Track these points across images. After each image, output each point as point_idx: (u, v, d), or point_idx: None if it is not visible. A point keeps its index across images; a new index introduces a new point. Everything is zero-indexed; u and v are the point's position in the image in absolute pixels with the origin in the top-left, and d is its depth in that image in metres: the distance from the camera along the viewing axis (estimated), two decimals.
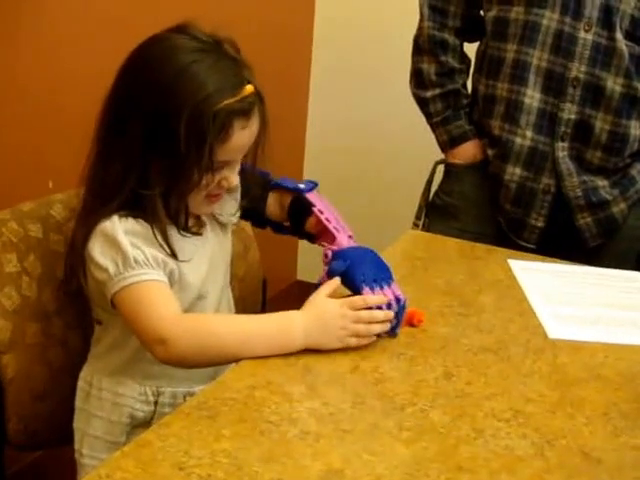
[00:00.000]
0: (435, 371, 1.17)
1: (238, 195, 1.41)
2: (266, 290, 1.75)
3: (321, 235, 1.40)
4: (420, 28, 1.93)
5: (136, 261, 1.19)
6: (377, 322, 1.21)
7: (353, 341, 1.19)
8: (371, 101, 2.95)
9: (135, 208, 1.23)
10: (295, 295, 1.35)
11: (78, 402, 1.35)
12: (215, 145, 1.20)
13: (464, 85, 1.95)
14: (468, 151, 1.91)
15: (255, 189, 1.45)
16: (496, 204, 1.87)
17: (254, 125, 1.26)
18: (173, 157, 1.20)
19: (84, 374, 1.36)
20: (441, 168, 1.99)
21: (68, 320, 1.39)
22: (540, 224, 1.83)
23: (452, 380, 1.16)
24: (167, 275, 1.23)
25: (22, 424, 1.33)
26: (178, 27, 1.26)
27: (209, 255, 1.35)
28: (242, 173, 1.36)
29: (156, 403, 1.32)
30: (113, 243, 1.20)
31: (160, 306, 1.18)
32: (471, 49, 1.98)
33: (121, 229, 1.21)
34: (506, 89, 1.80)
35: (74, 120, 1.95)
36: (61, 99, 1.97)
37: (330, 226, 1.37)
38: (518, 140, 1.80)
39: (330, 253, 1.30)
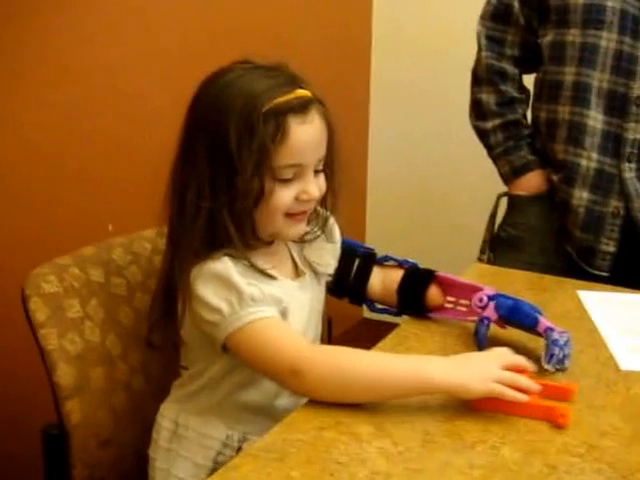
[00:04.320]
0: None
1: (338, 248, 1.38)
2: (332, 329, 1.73)
3: (443, 303, 1.40)
4: (478, 59, 1.93)
5: (253, 299, 1.16)
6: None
7: (498, 387, 1.10)
8: (432, 135, 2.94)
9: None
10: (362, 334, 1.32)
11: (160, 440, 1.32)
12: (273, 148, 1.16)
13: (524, 116, 1.94)
14: (532, 181, 1.89)
15: (356, 263, 1.43)
16: (564, 233, 1.84)
17: (316, 121, 1.20)
18: (232, 169, 1.17)
19: (169, 413, 1.33)
20: (504, 201, 1.96)
21: (132, 364, 1.39)
22: (611, 249, 1.79)
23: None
24: (280, 313, 1.20)
25: (88, 470, 1.32)
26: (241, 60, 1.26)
27: (308, 304, 1.32)
28: (343, 248, 1.37)
29: (239, 449, 1.27)
30: (227, 283, 1.17)
31: (286, 339, 1.15)
32: (529, 82, 1.96)
33: (234, 269, 1.18)
34: (568, 112, 1.78)
35: (133, 163, 1.98)
36: (120, 142, 1.99)
37: (468, 282, 1.37)
38: (584, 162, 1.77)
39: (486, 297, 1.31)
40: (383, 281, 1.44)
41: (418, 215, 3.01)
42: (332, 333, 1.70)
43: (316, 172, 1.24)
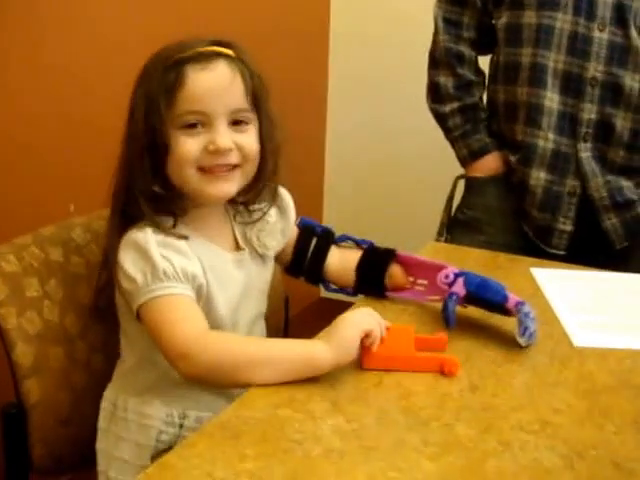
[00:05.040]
0: (459, 384, 1.16)
1: (280, 231, 1.38)
2: (288, 308, 1.74)
3: (404, 283, 1.41)
4: (435, 42, 1.93)
5: (165, 273, 1.17)
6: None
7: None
8: (389, 117, 2.95)
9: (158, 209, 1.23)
10: (319, 313, 1.34)
11: (102, 423, 1.33)
12: (173, 94, 1.18)
13: (481, 98, 1.95)
14: (489, 164, 1.91)
15: (314, 242, 1.43)
16: (522, 213, 1.86)
17: (221, 70, 1.20)
18: (137, 123, 1.20)
19: (108, 394, 1.34)
20: (462, 183, 1.97)
21: (91, 343, 1.39)
22: (568, 228, 1.82)
23: (477, 393, 1.14)
24: (195, 289, 1.21)
25: (46, 449, 1.32)
26: None
27: (243, 281, 1.32)
28: (301, 228, 1.38)
29: (181, 426, 1.29)
30: (144, 253, 1.19)
31: (185, 321, 1.16)
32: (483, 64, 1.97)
33: (153, 240, 1.19)
34: (525, 93, 1.80)
35: (95, 143, 1.97)
36: (82, 121, 1.98)
37: (430, 261, 1.38)
38: (541, 143, 1.79)
39: (452, 274, 1.31)
40: (340, 261, 1.44)
41: (375, 199, 3.02)
42: (289, 312, 1.72)
43: (237, 126, 1.23)
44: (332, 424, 1.04)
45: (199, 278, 1.21)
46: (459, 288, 1.30)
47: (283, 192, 1.39)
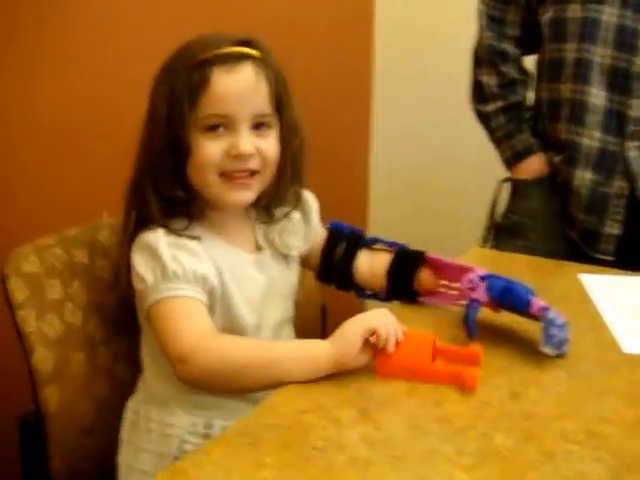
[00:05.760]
0: (499, 391, 1.08)
1: (303, 235, 1.34)
2: (326, 317, 1.68)
3: (436, 287, 1.33)
4: (479, 39, 1.89)
5: (175, 274, 1.14)
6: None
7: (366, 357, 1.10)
8: (433, 120, 2.87)
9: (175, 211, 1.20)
10: None
11: (124, 434, 1.28)
12: (196, 96, 1.15)
13: (524, 98, 1.88)
14: (534, 165, 1.84)
15: (342, 246, 1.37)
16: (567, 217, 1.79)
17: (247, 73, 1.17)
18: (157, 124, 1.17)
19: (131, 404, 1.30)
20: (506, 187, 1.90)
21: (115, 350, 1.34)
22: (616, 232, 1.73)
23: (518, 400, 1.06)
24: (207, 291, 1.17)
25: (65, 462, 1.26)
26: None
27: (264, 283, 1.27)
28: (329, 231, 1.34)
29: (206, 437, 1.23)
30: (154, 254, 1.16)
31: (187, 323, 1.12)
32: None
33: (164, 241, 1.16)
34: (569, 90, 1.73)
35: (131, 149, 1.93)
36: (118, 128, 1.94)
37: (458, 263, 1.31)
38: (585, 142, 1.71)
39: (476, 278, 1.23)
40: (371, 264, 1.38)
41: (419, 203, 2.95)
42: (327, 322, 1.65)
43: (259, 131, 1.19)
44: (359, 432, 0.97)
45: (211, 280, 1.17)
46: (481, 294, 1.22)
47: (307, 196, 1.35)
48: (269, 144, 1.21)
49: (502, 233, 1.87)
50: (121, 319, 1.32)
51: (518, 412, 1.03)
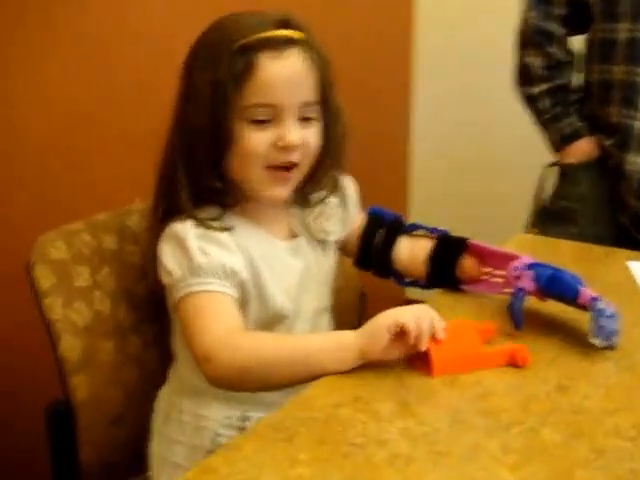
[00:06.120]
0: (546, 384, 1.02)
1: (341, 220, 1.29)
2: (365, 305, 1.62)
3: (479, 275, 1.28)
4: (524, 19, 1.83)
5: (201, 268, 1.09)
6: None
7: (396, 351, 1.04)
8: (477, 103, 2.81)
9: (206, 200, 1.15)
10: None
11: (155, 424, 1.25)
12: (240, 86, 1.09)
13: (570, 80, 1.83)
14: (582, 148, 1.78)
15: (381, 232, 1.32)
16: (617, 202, 1.73)
17: (294, 60, 1.11)
18: (192, 109, 1.11)
19: (163, 394, 1.26)
20: (553, 171, 1.85)
21: (145, 338, 1.30)
22: None
23: (566, 394, 1.00)
24: (237, 286, 1.12)
25: (96, 451, 1.23)
26: None
27: (300, 270, 1.22)
28: (369, 217, 1.29)
29: (242, 430, 1.19)
30: (182, 246, 1.11)
31: (213, 320, 1.08)
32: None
33: (192, 233, 1.12)
34: (622, 72, 1.66)
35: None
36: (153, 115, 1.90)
37: (503, 250, 1.25)
38: (638, 125, 1.65)
39: (521, 266, 1.17)
40: (411, 251, 1.32)
41: (463, 187, 2.89)
42: (366, 311, 1.60)
43: (304, 121, 1.14)
44: (400, 427, 0.92)
45: (241, 273, 1.13)
46: (527, 283, 1.15)
47: (346, 180, 1.31)
48: (313, 134, 1.16)
49: (550, 218, 1.82)
50: (151, 306, 1.28)
51: (567, 406, 0.97)
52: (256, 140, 1.11)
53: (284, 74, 1.10)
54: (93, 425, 1.22)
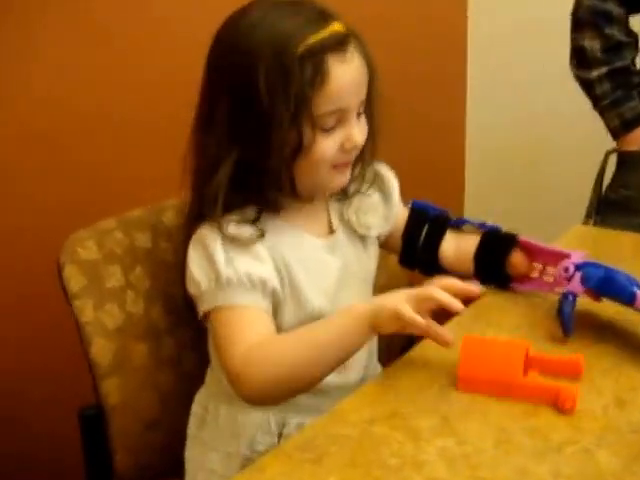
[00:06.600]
0: (603, 398, 0.94)
1: (383, 216, 1.23)
2: None
3: (530, 272, 1.20)
4: (579, 0, 1.69)
5: (228, 282, 1.05)
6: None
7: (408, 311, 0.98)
8: (533, 88, 2.71)
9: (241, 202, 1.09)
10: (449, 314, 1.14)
11: (192, 429, 1.21)
12: (312, 94, 1.02)
13: (633, 62, 1.72)
14: None
15: (426, 228, 1.26)
16: None
17: (356, 59, 1.06)
18: (263, 121, 1.03)
19: (200, 398, 1.22)
20: (613, 158, 1.75)
21: (182, 339, 1.25)
22: None
23: (626, 409, 0.92)
24: (268, 295, 1.07)
25: (130, 456, 1.20)
26: None
27: (338, 267, 1.17)
28: (412, 212, 1.24)
29: (280, 435, 1.15)
30: (208, 255, 1.07)
31: (237, 337, 1.04)
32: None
33: (219, 241, 1.06)
34: None
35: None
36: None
37: (553, 248, 1.18)
38: None
39: (572, 266, 1.09)
40: (458, 247, 1.25)
41: (518, 176, 2.80)
42: None
43: (357, 115, 1.09)
44: (439, 446, 0.85)
45: (271, 281, 1.08)
46: (576, 285, 1.07)
47: (387, 173, 1.24)
48: (364, 130, 1.12)
49: (611, 209, 1.72)
50: (187, 307, 1.22)
51: (625, 424, 0.89)
52: (326, 146, 1.07)
53: (351, 78, 1.06)
54: (127, 430, 1.19)
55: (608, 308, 1.10)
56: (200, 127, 1.10)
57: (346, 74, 1.04)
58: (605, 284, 1.05)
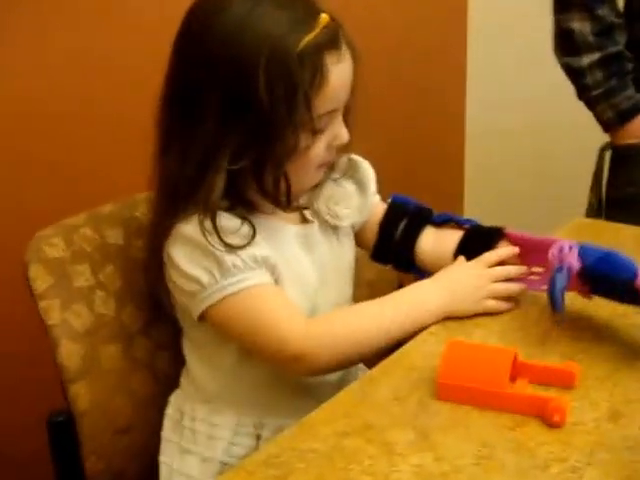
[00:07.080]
0: (595, 410, 0.86)
1: (357, 207, 1.19)
2: None
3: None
4: None
5: (235, 266, 1.01)
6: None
7: (492, 304, 1.08)
8: (529, 85, 2.65)
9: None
10: None
11: (166, 432, 1.17)
12: (312, 95, 0.98)
13: (625, 46, 1.61)
14: None
15: (403, 222, 1.21)
16: None
17: (348, 56, 1.03)
18: (262, 124, 0.98)
19: (174, 400, 1.18)
20: (610, 154, 1.66)
21: (156, 340, 1.20)
22: None
23: (620, 423, 0.84)
24: (271, 272, 1.05)
25: (103, 461, 1.15)
26: None
27: (317, 260, 1.13)
28: (391, 205, 1.20)
29: (259, 438, 1.11)
30: (203, 249, 1.01)
31: (283, 314, 1.02)
32: None
33: (206, 230, 1.01)
34: None
35: None
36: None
37: (543, 237, 1.11)
38: None
39: (567, 246, 1.00)
40: (435, 244, 1.19)
41: (517, 176, 2.77)
42: None
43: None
44: (414, 464, 0.79)
45: (271, 258, 1.05)
46: (572, 261, 0.98)
47: (361, 163, 1.20)
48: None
49: (617, 209, 1.63)
50: (159, 307, 1.17)
51: (620, 439, 0.82)
52: (318, 148, 1.05)
53: (346, 76, 1.04)
54: (98, 434, 1.14)
55: (603, 310, 1.03)
56: (182, 127, 1.03)
57: (343, 73, 1.02)
58: (604, 262, 0.97)
